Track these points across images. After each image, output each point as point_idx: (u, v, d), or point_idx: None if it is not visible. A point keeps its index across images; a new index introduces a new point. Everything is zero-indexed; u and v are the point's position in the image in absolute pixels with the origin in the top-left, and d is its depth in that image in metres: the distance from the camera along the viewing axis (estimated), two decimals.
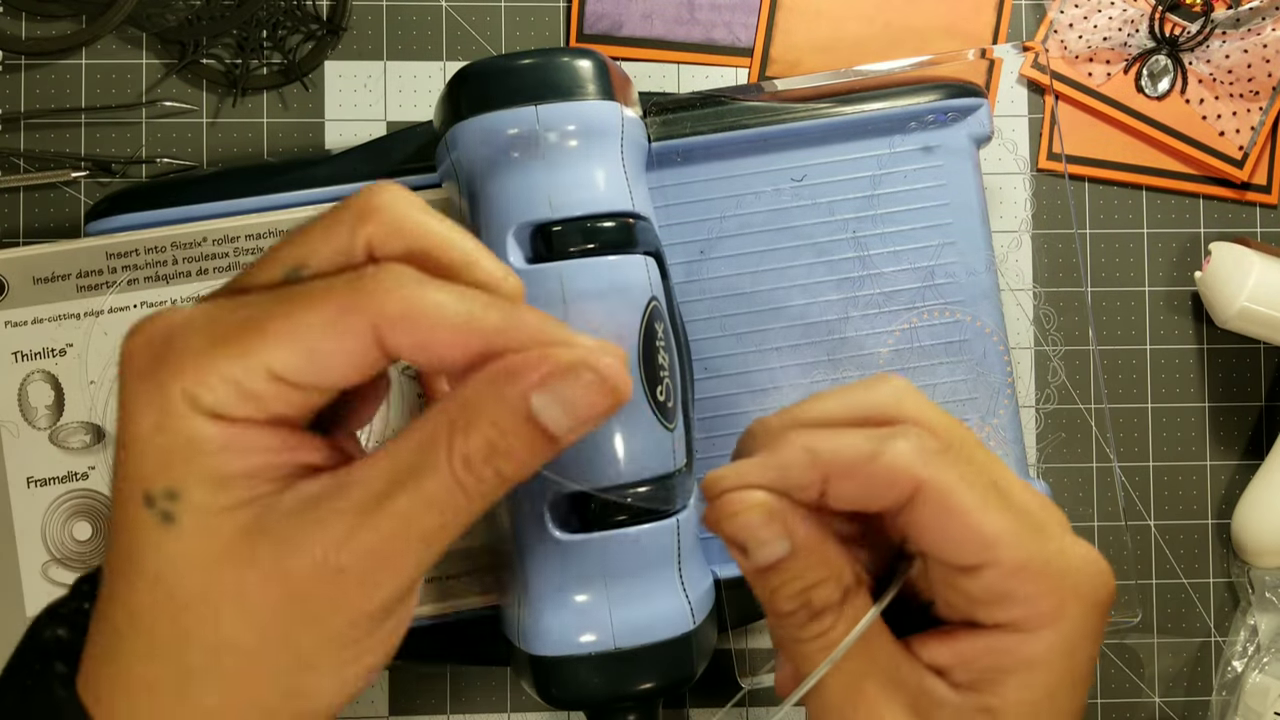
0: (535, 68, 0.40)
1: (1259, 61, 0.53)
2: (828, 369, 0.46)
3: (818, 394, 0.32)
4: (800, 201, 0.47)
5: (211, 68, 0.53)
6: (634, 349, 0.39)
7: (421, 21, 0.54)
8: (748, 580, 0.31)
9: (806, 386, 0.46)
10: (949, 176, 0.47)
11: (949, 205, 0.47)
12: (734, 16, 0.54)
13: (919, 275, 0.47)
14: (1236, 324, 0.51)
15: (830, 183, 0.47)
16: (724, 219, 0.46)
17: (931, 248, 0.47)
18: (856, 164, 0.47)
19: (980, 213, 0.47)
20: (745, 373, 0.46)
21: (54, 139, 0.53)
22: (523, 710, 0.53)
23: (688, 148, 0.46)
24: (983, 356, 0.47)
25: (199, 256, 0.44)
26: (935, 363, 0.47)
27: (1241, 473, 0.54)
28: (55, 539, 0.44)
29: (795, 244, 0.46)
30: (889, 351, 0.47)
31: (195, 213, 0.46)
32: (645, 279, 0.40)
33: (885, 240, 0.47)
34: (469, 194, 0.41)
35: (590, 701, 0.40)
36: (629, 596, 0.39)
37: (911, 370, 0.46)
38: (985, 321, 0.47)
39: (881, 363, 0.47)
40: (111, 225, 0.46)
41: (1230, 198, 0.54)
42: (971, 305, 0.47)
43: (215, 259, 0.44)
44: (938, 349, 0.47)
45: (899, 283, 0.47)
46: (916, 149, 0.47)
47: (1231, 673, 0.53)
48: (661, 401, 0.39)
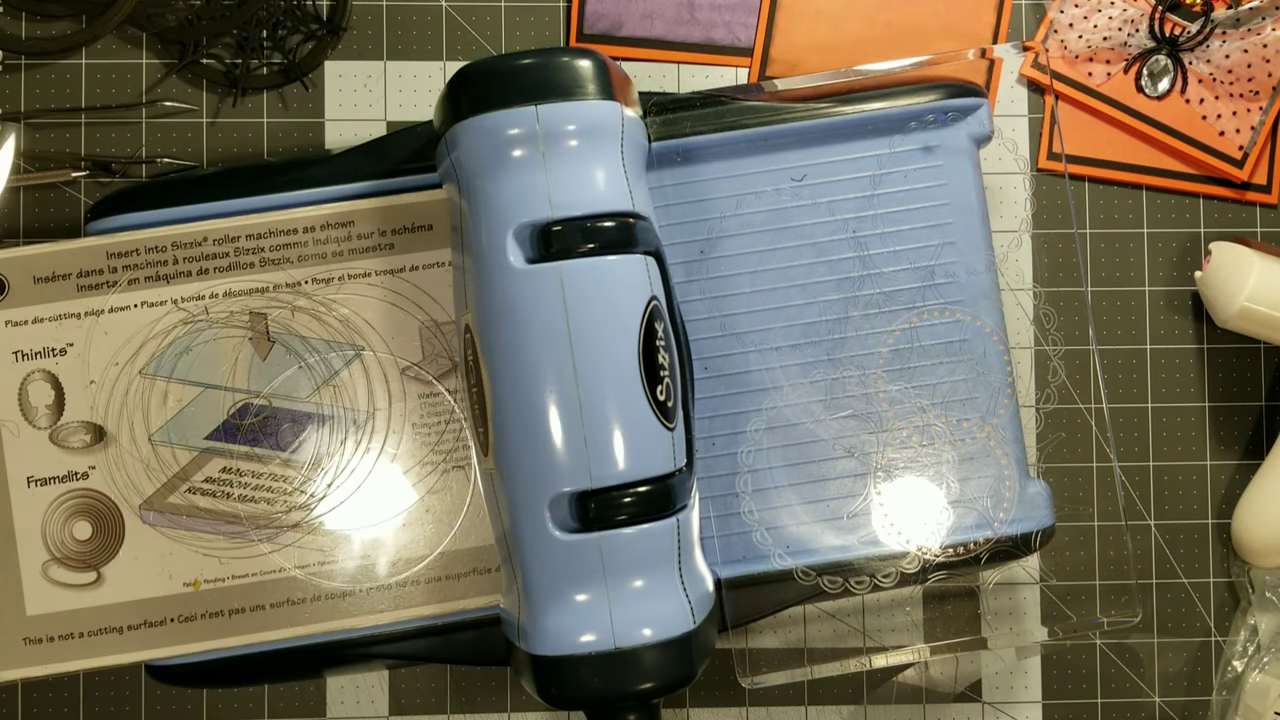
0: (535, 67, 0.40)
1: (1259, 61, 0.53)
2: (827, 368, 0.46)
3: None
4: (800, 201, 0.47)
5: (211, 68, 0.53)
6: (634, 349, 0.39)
7: (421, 21, 0.54)
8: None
9: (806, 386, 0.46)
10: (949, 176, 0.47)
11: (949, 205, 0.47)
12: (734, 16, 0.54)
13: (919, 275, 0.47)
14: (1236, 324, 0.51)
15: (830, 183, 0.47)
16: (724, 219, 0.46)
17: (931, 248, 0.47)
18: (856, 164, 0.47)
19: (980, 213, 0.47)
20: (745, 373, 0.46)
21: (54, 139, 0.53)
22: (523, 710, 0.53)
23: (687, 148, 0.46)
24: (982, 356, 0.47)
25: (200, 256, 0.45)
26: (935, 363, 0.47)
27: (1241, 473, 0.54)
28: (55, 538, 0.44)
29: (795, 244, 0.46)
30: (889, 351, 0.47)
31: (195, 213, 0.46)
32: (645, 279, 0.40)
33: (885, 240, 0.47)
34: (469, 194, 0.41)
35: (590, 701, 0.40)
36: (629, 596, 0.39)
37: (911, 370, 0.46)
38: (985, 321, 0.47)
39: (881, 363, 0.47)
40: (112, 225, 0.46)
41: (1230, 197, 0.54)
42: (971, 305, 0.47)
43: (216, 259, 0.45)
44: (938, 349, 0.47)
45: (899, 282, 0.47)
46: (916, 149, 0.47)
47: (1232, 672, 0.53)
48: (661, 401, 0.39)
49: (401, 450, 0.44)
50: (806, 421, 0.46)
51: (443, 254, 0.45)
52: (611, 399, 0.38)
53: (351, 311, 0.45)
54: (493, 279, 0.39)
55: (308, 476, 0.44)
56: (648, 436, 0.39)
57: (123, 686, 0.52)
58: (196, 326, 0.44)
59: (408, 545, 0.44)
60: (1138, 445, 0.54)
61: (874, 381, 0.46)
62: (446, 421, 0.44)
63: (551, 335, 0.38)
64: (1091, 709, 0.53)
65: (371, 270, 0.45)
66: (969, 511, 0.46)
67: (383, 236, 0.45)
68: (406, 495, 0.44)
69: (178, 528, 0.44)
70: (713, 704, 0.53)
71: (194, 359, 0.45)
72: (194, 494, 0.44)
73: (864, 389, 0.46)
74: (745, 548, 0.45)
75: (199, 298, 0.45)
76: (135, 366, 0.44)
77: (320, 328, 0.45)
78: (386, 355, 0.44)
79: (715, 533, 0.45)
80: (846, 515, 0.46)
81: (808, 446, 0.46)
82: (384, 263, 0.45)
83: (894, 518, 0.46)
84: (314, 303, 0.44)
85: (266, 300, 0.44)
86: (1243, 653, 0.53)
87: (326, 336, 0.45)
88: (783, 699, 0.53)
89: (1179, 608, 0.54)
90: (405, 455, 0.44)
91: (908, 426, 0.46)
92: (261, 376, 0.45)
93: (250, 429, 0.44)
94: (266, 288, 0.45)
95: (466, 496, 0.44)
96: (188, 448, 0.44)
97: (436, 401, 0.44)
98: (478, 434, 0.41)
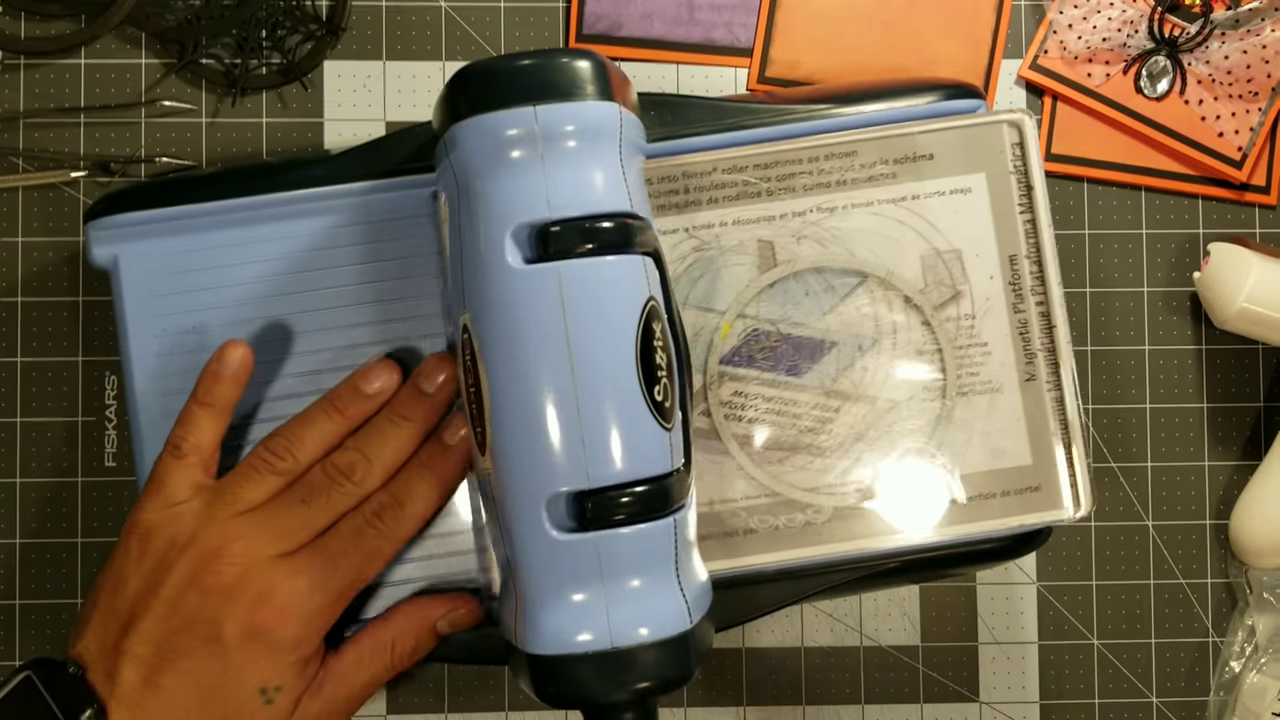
0: (534, 68, 0.40)
1: (1258, 62, 0.53)
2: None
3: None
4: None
5: (211, 67, 0.53)
6: (632, 349, 0.39)
7: (421, 21, 0.54)
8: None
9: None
10: None
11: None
12: (734, 16, 0.54)
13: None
14: (1235, 324, 0.51)
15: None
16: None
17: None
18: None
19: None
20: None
21: (54, 139, 0.53)
22: (521, 709, 0.53)
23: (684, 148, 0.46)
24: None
25: (710, 185, 0.46)
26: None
27: (1240, 473, 0.54)
28: None
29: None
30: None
31: (196, 212, 0.46)
32: (643, 279, 0.40)
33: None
34: (467, 194, 0.41)
35: (587, 700, 0.40)
36: (626, 595, 0.39)
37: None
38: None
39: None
40: (111, 224, 0.46)
41: (1229, 198, 0.55)
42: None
43: (725, 188, 0.45)
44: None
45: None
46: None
47: (1229, 673, 0.53)
48: (659, 401, 0.39)
49: (903, 377, 0.45)
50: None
51: (944, 183, 0.46)
52: (609, 399, 0.38)
53: (855, 240, 0.46)
54: (491, 279, 0.40)
55: (816, 401, 0.45)
56: (645, 436, 0.39)
57: None
58: (708, 255, 0.46)
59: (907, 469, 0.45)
60: (1136, 445, 0.54)
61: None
62: (949, 348, 0.45)
63: (549, 336, 0.38)
64: (1090, 709, 0.54)
65: (874, 199, 0.46)
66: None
67: (884, 166, 0.46)
68: (911, 419, 0.45)
69: (695, 450, 0.45)
70: (710, 703, 0.53)
71: (703, 285, 0.46)
72: (708, 416, 0.45)
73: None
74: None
75: (709, 226, 0.46)
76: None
77: (824, 255, 0.46)
78: (890, 283, 0.45)
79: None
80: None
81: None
82: (886, 191, 0.46)
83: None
84: (819, 231, 0.46)
85: (774, 229, 0.46)
86: (1240, 653, 0.53)
87: (831, 264, 0.46)
88: (780, 699, 0.53)
89: (1177, 608, 0.54)
90: (907, 382, 0.45)
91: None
92: (770, 303, 0.46)
93: (761, 354, 0.45)
94: (773, 216, 0.46)
95: (977, 422, 0.45)
96: (700, 371, 0.46)
97: (940, 328, 0.45)
98: (475, 433, 0.41)
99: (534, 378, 0.39)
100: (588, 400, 0.38)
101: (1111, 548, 0.54)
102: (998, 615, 0.53)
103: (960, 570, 0.48)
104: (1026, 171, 0.46)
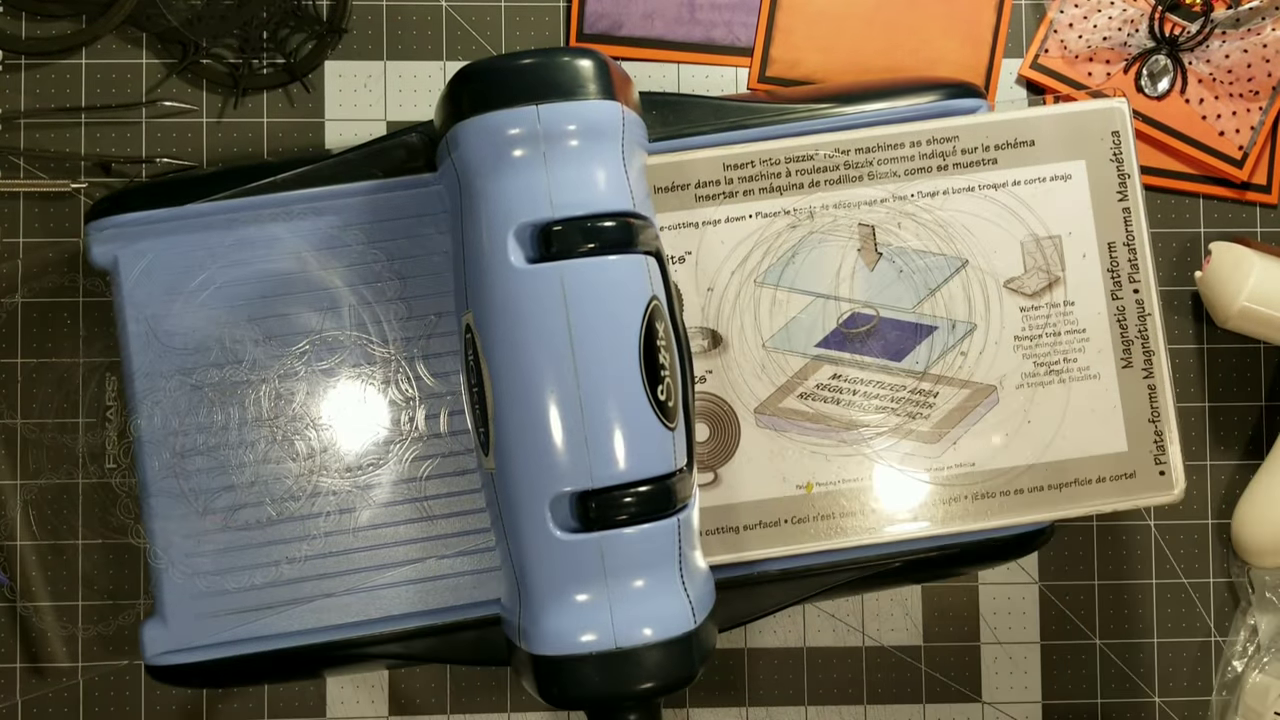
0: (536, 67, 0.40)
1: (1259, 61, 0.53)
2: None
3: None
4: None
5: (212, 67, 0.53)
6: (635, 349, 0.39)
7: (421, 21, 0.54)
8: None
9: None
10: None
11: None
12: (734, 16, 0.54)
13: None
14: (1236, 324, 0.51)
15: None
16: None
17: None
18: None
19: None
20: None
21: (54, 139, 0.53)
22: (523, 710, 0.53)
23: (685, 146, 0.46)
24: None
25: (811, 169, 0.46)
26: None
27: (1242, 472, 0.54)
28: None
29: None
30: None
31: (196, 212, 0.46)
32: (646, 279, 0.40)
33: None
34: (469, 193, 0.41)
35: (591, 701, 0.40)
36: (629, 596, 0.39)
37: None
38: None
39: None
40: (111, 224, 0.45)
41: (1230, 197, 0.55)
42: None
43: (826, 171, 0.46)
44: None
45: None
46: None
47: (1231, 672, 0.53)
48: (662, 401, 0.39)
49: (1000, 362, 0.46)
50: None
51: (1045, 169, 0.46)
52: (612, 399, 0.38)
53: (955, 224, 0.46)
54: (493, 279, 0.39)
55: (915, 384, 0.45)
56: (648, 436, 0.39)
57: (123, 686, 0.52)
58: (807, 237, 0.46)
59: (1003, 453, 0.45)
60: None
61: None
62: (1046, 334, 0.45)
63: (552, 335, 0.38)
64: (1091, 709, 0.54)
65: (975, 184, 0.46)
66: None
67: (985, 151, 0.46)
68: (1007, 404, 0.46)
69: (791, 432, 0.45)
70: (713, 704, 0.53)
71: (802, 268, 0.46)
72: (806, 399, 0.46)
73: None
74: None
75: (809, 209, 0.46)
76: (745, 274, 0.46)
77: (925, 240, 0.46)
78: (988, 268, 0.46)
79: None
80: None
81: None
82: (987, 177, 0.46)
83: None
84: (919, 215, 0.46)
85: (874, 212, 0.46)
86: (1243, 653, 0.53)
87: (930, 249, 0.46)
88: (783, 699, 0.53)
89: (1179, 608, 0.54)
90: (1004, 367, 0.46)
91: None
92: (869, 286, 0.46)
93: (859, 337, 0.46)
94: (874, 200, 0.46)
95: (1063, 409, 0.45)
96: (799, 354, 0.46)
97: (1037, 314, 0.45)
98: (479, 433, 0.41)
99: (537, 378, 0.39)
100: (591, 400, 0.38)
101: (1114, 547, 0.54)
102: (1000, 615, 0.53)
103: (963, 570, 0.48)
104: (1124, 159, 0.46)
